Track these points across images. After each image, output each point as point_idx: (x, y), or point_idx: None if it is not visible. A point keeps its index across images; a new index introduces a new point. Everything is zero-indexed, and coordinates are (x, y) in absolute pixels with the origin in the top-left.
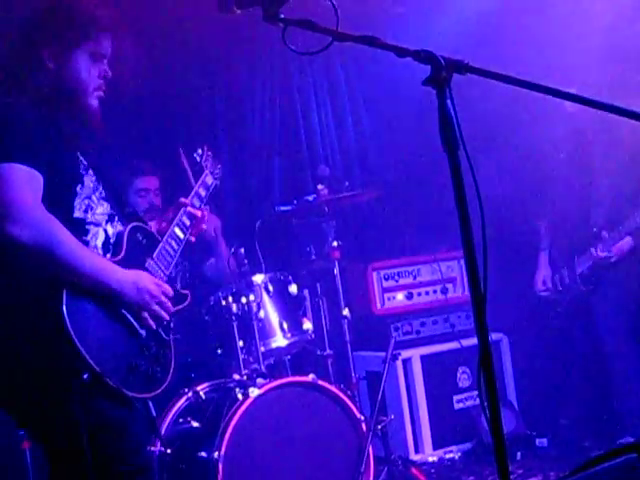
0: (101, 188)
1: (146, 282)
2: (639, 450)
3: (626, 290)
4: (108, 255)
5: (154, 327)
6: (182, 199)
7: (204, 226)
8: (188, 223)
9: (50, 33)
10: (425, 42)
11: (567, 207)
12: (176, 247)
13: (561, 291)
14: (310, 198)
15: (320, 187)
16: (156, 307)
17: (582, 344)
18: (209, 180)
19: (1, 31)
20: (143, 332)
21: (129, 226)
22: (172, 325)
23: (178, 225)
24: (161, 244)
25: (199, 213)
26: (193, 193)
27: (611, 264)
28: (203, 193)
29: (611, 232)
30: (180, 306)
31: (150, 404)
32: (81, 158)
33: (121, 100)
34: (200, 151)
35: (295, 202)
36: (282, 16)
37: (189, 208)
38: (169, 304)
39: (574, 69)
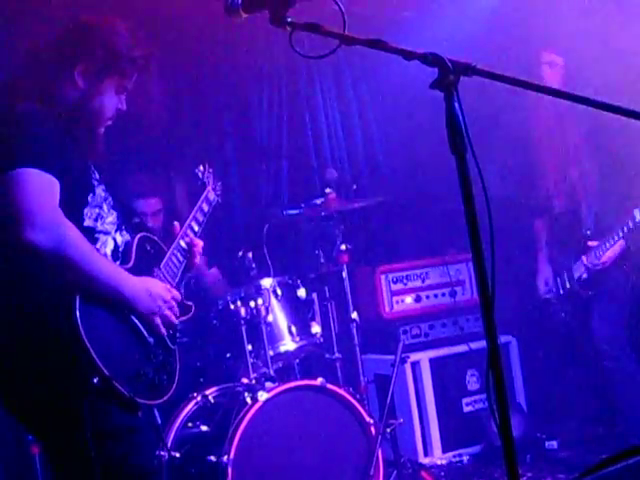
0: (110, 198)
1: (158, 288)
2: None
3: (619, 295)
4: (117, 263)
5: (164, 333)
6: (176, 225)
7: (197, 259)
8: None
9: (88, 54)
10: (432, 45)
11: (559, 212)
12: (181, 259)
13: (563, 294)
14: (318, 202)
15: (328, 191)
16: (168, 312)
17: (590, 347)
18: (211, 196)
19: (38, 38)
20: (151, 340)
21: (138, 235)
22: (177, 334)
23: (183, 238)
24: (168, 254)
25: (195, 242)
26: (197, 208)
27: (604, 269)
28: (206, 208)
29: (601, 239)
30: (185, 317)
31: (155, 411)
32: (93, 169)
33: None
34: (202, 168)
35: (303, 206)
36: (289, 20)
37: (186, 238)
38: (177, 310)
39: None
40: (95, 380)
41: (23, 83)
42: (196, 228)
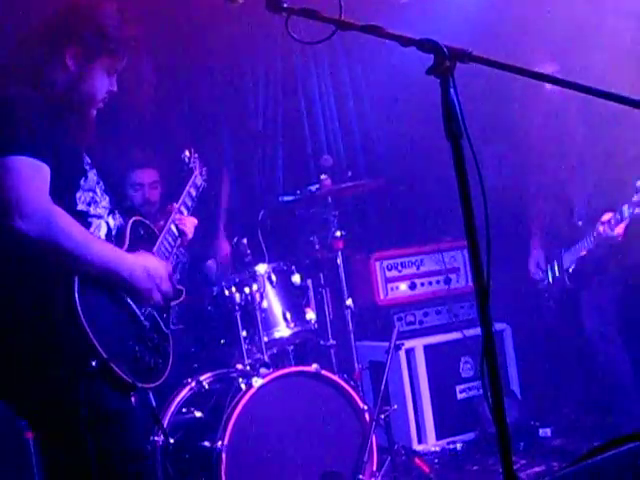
0: (102, 182)
1: (156, 264)
2: None
3: (609, 286)
4: None
5: (161, 301)
6: (169, 206)
7: (189, 235)
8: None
9: (77, 36)
10: (430, 32)
11: (550, 201)
12: (173, 243)
13: (551, 283)
14: (313, 188)
15: (323, 177)
16: (165, 286)
17: (581, 335)
18: (198, 181)
19: (28, 23)
20: (147, 324)
21: (132, 220)
22: (171, 318)
23: (174, 222)
24: (160, 238)
25: (185, 225)
26: (185, 193)
27: (596, 260)
28: (194, 193)
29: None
30: (176, 301)
31: (150, 394)
32: (84, 154)
33: (121, 89)
34: (188, 153)
35: (298, 192)
36: (285, 5)
37: (176, 221)
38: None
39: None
40: (94, 363)
41: (15, 67)
42: (185, 213)
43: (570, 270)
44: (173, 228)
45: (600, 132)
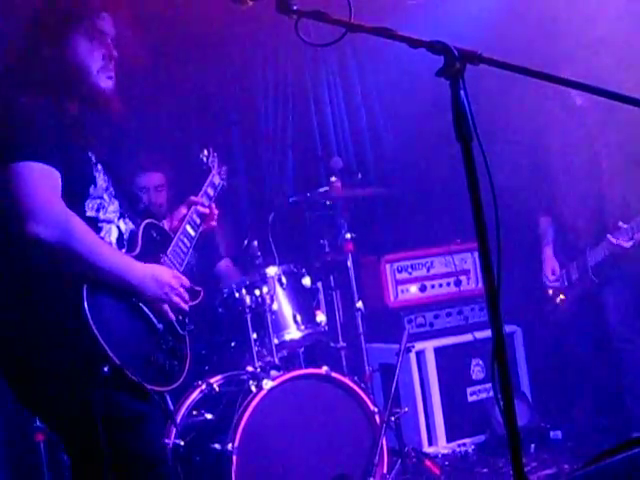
0: (112, 188)
1: (166, 275)
2: None
3: (633, 280)
4: (123, 251)
5: (173, 319)
6: (192, 197)
7: (214, 223)
8: (198, 221)
9: (44, 20)
10: (439, 33)
11: (576, 201)
12: (188, 244)
13: (567, 286)
14: (323, 190)
15: (333, 179)
16: (176, 299)
17: (595, 337)
18: (216, 180)
19: (4, 30)
20: (161, 326)
21: (144, 223)
22: (187, 320)
23: (189, 223)
24: (174, 241)
25: (208, 211)
26: (202, 192)
27: (627, 254)
28: (211, 192)
29: (630, 222)
30: (193, 302)
31: (167, 397)
32: (92, 156)
33: (132, 91)
34: (206, 152)
35: (308, 194)
36: (295, 7)
37: (199, 207)
38: (187, 295)
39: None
40: (106, 369)
41: (18, 73)
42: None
43: (594, 266)
44: (188, 229)
45: (627, 137)
